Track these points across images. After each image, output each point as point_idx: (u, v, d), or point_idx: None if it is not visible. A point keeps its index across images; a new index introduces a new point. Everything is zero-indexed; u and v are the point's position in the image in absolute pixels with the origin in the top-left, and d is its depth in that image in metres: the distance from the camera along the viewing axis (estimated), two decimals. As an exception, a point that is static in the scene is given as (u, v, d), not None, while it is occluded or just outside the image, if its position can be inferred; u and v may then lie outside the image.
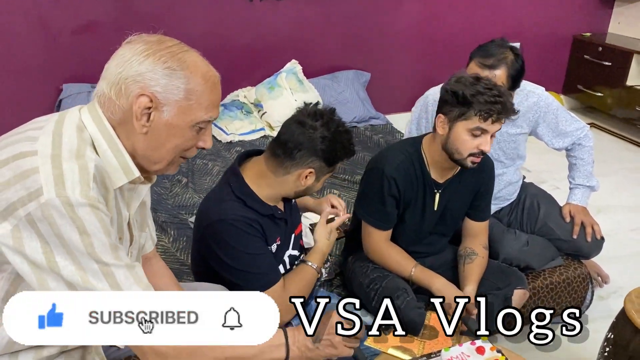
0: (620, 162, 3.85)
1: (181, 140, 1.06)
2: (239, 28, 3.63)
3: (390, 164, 1.79)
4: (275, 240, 1.55)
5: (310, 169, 1.49)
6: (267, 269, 1.50)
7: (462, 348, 1.35)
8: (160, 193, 2.74)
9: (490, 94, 1.60)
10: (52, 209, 0.91)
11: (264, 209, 1.50)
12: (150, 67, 1.00)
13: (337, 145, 1.48)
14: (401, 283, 1.81)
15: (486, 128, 1.64)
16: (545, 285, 2.14)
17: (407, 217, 1.88)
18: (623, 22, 4.56)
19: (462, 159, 1.70)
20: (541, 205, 2.31)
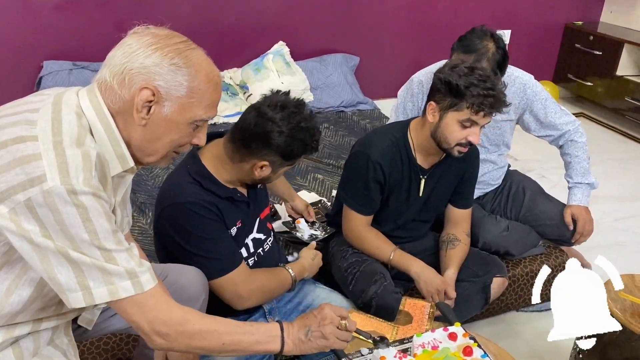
0: (608, 152, 3.84)
1: (178, 135, 1.07)
2: (226, 8, 3.56)
3: (376, 149, 1.76)
4: (236, 223, 1.50)
5: (265, 161, 1.43)
6: (225, 253, 1.45)
7: (434, 334, 1.33)
8: (140, 174, 2.70)
9: (484, 86, 1.58)
10: (56, 196, 0.91)
11: (222, 191, 1.46)
12: (156, 61, 1.00)
13: (295, 141, 1.41)
14: (379, 268, 1.78)
15: (477, 120, 1.62)
16: (525, 273, 2.13)
17: (391, 202, 1.85)
18: (615, 11, 4.52)
19: (450, 148, 1.69)
20: (526, 192, 2.29)
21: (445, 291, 1.73)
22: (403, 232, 1.93)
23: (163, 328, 1.04)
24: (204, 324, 1.09)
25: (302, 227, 2.01)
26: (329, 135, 3.29)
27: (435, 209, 1.95)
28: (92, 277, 0.97)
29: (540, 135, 2.25)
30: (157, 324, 1.04)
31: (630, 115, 4.10)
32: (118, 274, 0.99)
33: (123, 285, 1.00)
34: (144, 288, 1.02)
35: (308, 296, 1.67)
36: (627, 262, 2.57)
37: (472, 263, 1.90)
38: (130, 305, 1.02)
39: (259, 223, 1.63)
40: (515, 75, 2.14)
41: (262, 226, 1.64)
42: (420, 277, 1.75)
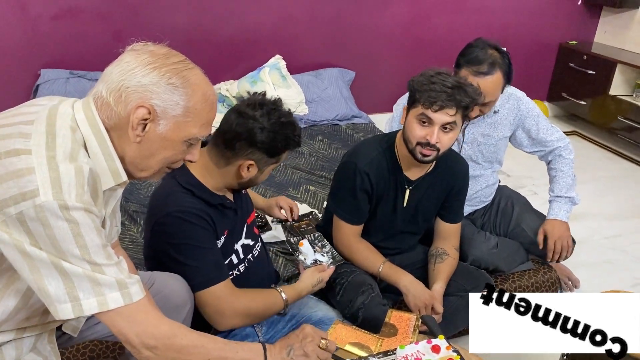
0: (600, 171, 3.87)
1: (172, 153, 1.08)
2: (224, 20, 3.60)
3: (363, 159, 1.79)
4: (223, 233, 1.50)
5: (250, 160, 1.45)
6: (211, 264, 1.44)
7: (417, 346, 1.33)
8: (133, 183, 2.70)
9: (442, 84, 1.61)
10: (47, 211, 0.92)
11: (213, 199, 1.47)
12: (154, 80, 1.01)
13: (278, 136, 1.43)
14: (367, 279, 1.79)
15: (430, 116, 1.63)
16: (513, 289, 2.14)
17: (379, 212, 1.87)
18: (609, 31, 4.58)
19: (413, 148, 1.70)
20: (515, 207, 2.31)
21: (432, 306, 1.74)
22: (391, 243, 1.94)
23: (151, 341, 1.05)
24: (192, 339, 1.10)
25: (305, 251, 1.77)
26: (322, 148, 3.32)
27: (423, 222, 1.96)
28: (81, 288, 0.98)
29: (531, 151, 2.27)
30: (146, 337, 1.04)
31: (623, 134, 4.13)
32: (108, 284, 0.99)
33: (112, 297, 1.00)
34: (133, 299, 1.02)
35: (295, 305, 1.67)
36: (615, 279, 2.59)
37: (460, 277, 1.91)
38: (119, 318, 1.02)
39: (247, 228, 1.63)
40: (509, 92, 2.16)
41: (249, 232, 1.65)
42: (409, 290, 1.76)
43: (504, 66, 1.94)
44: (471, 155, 2.20)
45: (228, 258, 1.56)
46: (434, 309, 1.74)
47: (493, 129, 2.17)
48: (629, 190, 3.60)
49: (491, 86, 1.93)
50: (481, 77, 1.91)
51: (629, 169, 3.97)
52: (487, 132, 2.17)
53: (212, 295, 1.43)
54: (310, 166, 3.07)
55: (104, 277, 0.99)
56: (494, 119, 2.16)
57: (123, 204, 2.50)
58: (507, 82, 2.00)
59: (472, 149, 2.20)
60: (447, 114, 1.62)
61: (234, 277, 1.58)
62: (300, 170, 2.98)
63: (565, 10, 4.50)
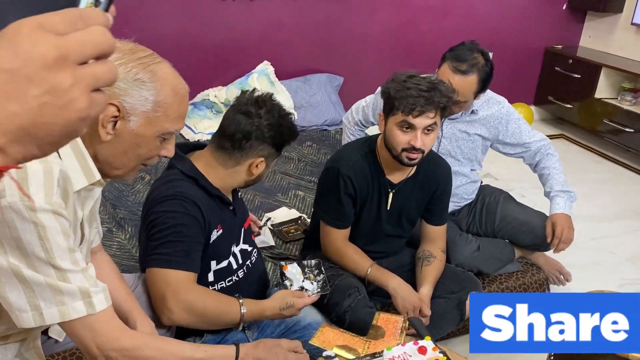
0: (587, 173, 3.91)
1: (145, 149, 1.07)
2: (211, 27, 3.61)
3: (346, 163, 1.81)
4: (217, 227, 1.49)
5: (261, 157, 1.47)
6: (179, 249, 1.38)
7: (404, 348, 1.34)
8: (122, 190, 2.70)
9: (417, 88, 1.63)
10: (13, 213, 0.89)
11: (213, 189, 1.47)
12: (120, 76, 0.99)
13: (284, 129, 1.48)
14: (354, 282, 1.80)
15: (411, 122, 1.65)
16: (500, 290, 2.15)
17: (364, 216, 1.88)
18: (594, 35, 4.64)
19: (398, 155, 1.72)
20: (499, 202, 2.34)
21: (420, 308, 1.75)
22: (378, 246, 1.95)
23: (112, 354, 1.02)
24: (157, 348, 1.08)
25: (291, 276, 1.60)
26: (311, 153, 3.33)
27: (408, 225, 1.97)
28: (43, 296, 0.94)
29: (516, 153, 2.30)
30: (107, 349, 1.02)
31: (609, 137, 4.18)
32: (71, 293, 0.96)
33: (74, 306, 0.97)
34: (96, 309, 0.99)
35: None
36: (602, 280, 2.61)
37: (448, 280, 1.92)
38: (81, 327, 1.00)
39: (244, 233, 1.63)
40: (489, 96, 2.22)
41: (247, 237, 1.65)
42: (398, 292, 1.77)
43: (482, 72, 2.00)
44: (450, 151, 2.24)
45: (225, 260, 1.55)
46: (422, 312, 1.75)
47: (470, 126, 2.22)
48: (615, 192, 3.63)
49: (464, 86, 1.98)
50: (457, 74, 1.97)
51: (616, 171, 4.01)
52: (464, 128, 2.22)
53: (163, 277, 1.36)
54: (299, 171, 3.07)
55: (67, 285, 0.95)
56: (473, 117, 2.21)
57: (111, 210, 2.50)
58: (482, 89, 2.05)
59: (450, 144, 2.25)
60: (427, 117, 1.64)
61: (234, 283, 1.57)
62: (288, 176, 2.98)
63: (551, 15, 4.56)
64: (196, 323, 1.41)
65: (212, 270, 1.52)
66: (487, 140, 2.27)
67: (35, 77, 0.38)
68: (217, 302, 1.42)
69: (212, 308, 1.40)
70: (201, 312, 1.38)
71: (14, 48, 0.38)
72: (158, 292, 1.37)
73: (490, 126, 2.22)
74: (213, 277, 1.53)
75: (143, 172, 2.87)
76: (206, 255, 1.48)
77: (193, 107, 3.51)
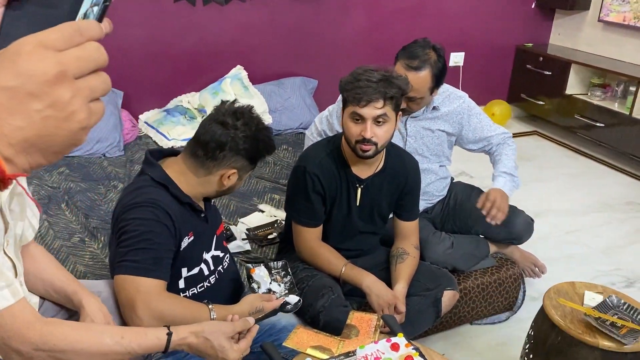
0: (560, 168, 3.97)
1: None
2: (183, 33, 3.59)
3: (312, 161, 1.83)
4: (188, 234, 1.48)
5: (233, 169, 1.47)
6: (148, 256, 1.36)
7: (377, 345, 1.34)
8: (94, 199, 2.66)
9: (367, 79, 1.66)
10: None
11: (183, 197, 1.46)
12: None
13: (260, 143, 1.48)
14: (328, 282, 1.80)
15: (360, 112, 1.68)
16: (476, 286, 2.17)
17: (334, 213, 1.89)
18: (562, 33, 4.72)
19: (354, 146, 1.75)
20: (471, 196, 2.36)
21: (395, 305, 1.76)
22: (351, 244, 1.95)
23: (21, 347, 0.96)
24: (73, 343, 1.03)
25: (258, 279, 1.58)
26: (287, 157, 3.32)
27: (380, 221, 1.98)
28: None
29: (479, 148, 2.33)
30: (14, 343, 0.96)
31: (580, 132, 4.25)
32: None
33: None
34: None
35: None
36: (577, 272, 2.64)
37: (423, 277, 1.93)
38: None
39: (216, 240, 1.62)
40: (451, 92, 2.27)
41: (219, 243, 1.64)
42: (372, 290, 1.77)
43: (435, 68, 2.03)
44: (417, 149, 2.27)
45: (196, 267, 1.53)
46: (397, 309, 1.75)
47: (433, 123, 2.25)
48: (588, 187, 3.69)
49: (417, 82, 2.01)
50: (410, 71, 2.01)
51: (588, 165, 4.08)
52: (427, 125, 2.25)
53: (133, 285, 1.34)
54: (275, 175, 3.07)
55: None
56: (435, 114, 2.24)
57: (83, 220, 2.46)
58: (437, 84, 2.08)
59: (416, 142, 2.27)
60: (375, 107, 1.67)
61: (206, 288, 1.56)
62: (264, 180, 2.97)
63: (520, 13, 4.63)
64: None
65: (182, 277, 1.50)
66: (451, 135, 2.30)
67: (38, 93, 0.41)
68: (187, 310, 1.40)
69: (182, 315, 1.37)
70: (171, 320, 1.35)
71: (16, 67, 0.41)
72: (127, 299, 1.34)
73: (453, 122, 2.25)
74: (184, 284, 1.51)
75: (116, 180, 2.85)
76: (177, 262, 1.46)
77: (166, 113, 3.48)
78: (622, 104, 4.05)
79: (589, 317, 1.55)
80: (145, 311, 1.33)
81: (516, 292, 2.29)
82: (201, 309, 1.42)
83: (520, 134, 4.62)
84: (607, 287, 1.76)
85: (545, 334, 1.61)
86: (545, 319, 1.63)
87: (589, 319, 1.55)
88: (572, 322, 1.58)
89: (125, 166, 3.04)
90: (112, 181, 2.84)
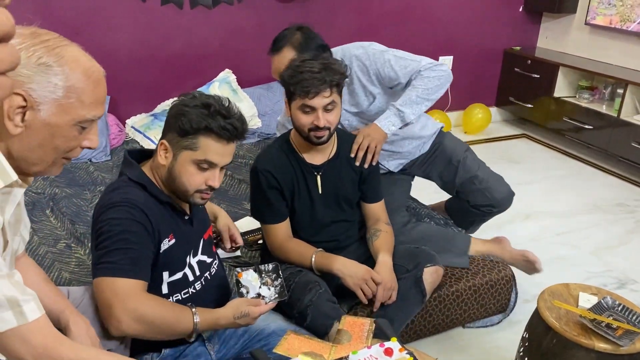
0: (549, 170, 3.97)
1: (61, 140, 0.97)
2: (170, 37, 3.55)
3: (261, 159, 1.86)
4: (168, 236, 1.43)
5: (163, 140, 1.40)
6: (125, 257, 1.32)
7: (370, 350, 1.31)
8: (80, 205, 2.61)
9: (310, 71, 1.69)
10: None
11: (162, 196, 1.42)
12: (23, 62, 0.90)
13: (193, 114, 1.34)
14: (314, 277, 1.79)
15: (309, 104, 1.72)
16: (468, 288, 2.14)
17: (298, 206, 1.89)
18: (550, 36, 4.74)
19: (307, 136, 1.79)
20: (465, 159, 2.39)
21: (372, 278, 1.75)
22: (324, 235, 1.93)
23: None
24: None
25: (246, 284, 1.50)
26: (276, 161, 3.29)
27: (348, 207, 1.97)
28: None
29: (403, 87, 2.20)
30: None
31: (569, 134, 4.26)
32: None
33: (3, 317, 0.89)
34: (28, 318, 0.92)
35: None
36: (568, 274, 2.63)
37: (400, 259, 1.91)
38: (13, 340, 0.91)
39: (203, 244, 1.57)
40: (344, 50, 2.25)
41: (206, 248, 1.59)
42: (344, 272, 1.77)
43: (295, 41, 2.08)
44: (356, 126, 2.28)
45: (180, 272, 1.49)
46: (375, 281, 1.75)
47: (355, 95, 2.25)
48: (577, 188, 3.70)
49: (280, 61, 2.03)
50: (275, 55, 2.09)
51: (577, 167, 4.09)
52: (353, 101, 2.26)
53: (110, 286, 1.29)
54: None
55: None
56: (350, 88, 2.23)
57: (69, 226, 2.41)
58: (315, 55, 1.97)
59: (356, 121, 2.30)
60: (323, 97, 1.71)
61: (191, 295, 1.51)
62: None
63: (508, 17, 4.64)
64: (146, 332, 1.33)
65: (165, 282, 1.46)
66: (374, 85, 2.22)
67: None
68: (168, 311, 1.35)
69: (163, 317, 1.33)
70: (151, 320, 1.31)
71: None
72: (105, 302, 1.29)
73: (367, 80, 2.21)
74: (167, 289, 1.47)
75: (102, 185, 2.79)
76: (158, 265, 1.42)
77: (154, 117, 3.44)
78: (610, 106, 4.07)
79: (585, 319, 1.53)
80: (123, 312, 1.28)
81: (508, 294, 2.27)
82: (184, 311, 1.37)
83: (509, 137, 4.62)
84: (602, 289, 1.74)
85: (540, 336, 1.59)
86: (540, 322, 1.60)
87: (585, 321, 1.53)
88: (567, 324, 1.56)
89: (111, 171, 2.99)
90: (98, 186, 2.79)
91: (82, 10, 3.25)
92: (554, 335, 1.56)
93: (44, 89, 0.92)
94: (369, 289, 1.74)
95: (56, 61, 0.93)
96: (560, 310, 1.61)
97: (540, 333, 1.60)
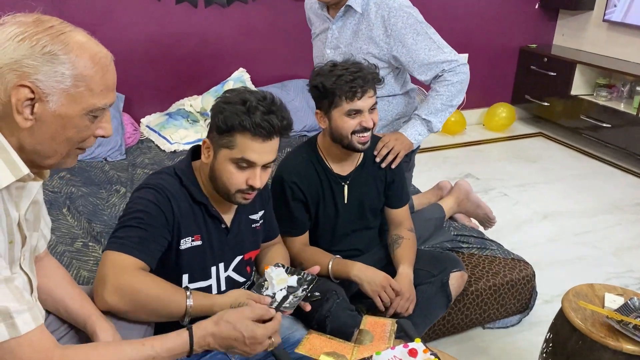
0: (566, 170, 3.92)
1: (74, 130, 0.95)
2: (184, 35, 3.55)
3: (287, 170, 1.80)
4: (193, 236, 1.40)
5: (206, 139, 1.38)
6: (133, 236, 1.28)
7: (394, 351, 1.28)
8: (96, 204, 2.61)
9: (348, 72, 1.65)
10: None
11: (198, 195, 1.40)
12: (27, 52, 0.87)
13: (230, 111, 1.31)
14: (332, 286, 1.75)
15: (357, 107, 1.69)
16: (488, 287, 2.12)
17: (321, 216, 1.86)
18: (566, 34, 4.69)
19: (350, 142, 1.74)
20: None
21: (391, 286, 1.70)
22: (345, 244, 1.91)
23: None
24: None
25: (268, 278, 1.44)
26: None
27: (372, 217, 1.94)
28: None
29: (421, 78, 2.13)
30: None
31: (586, 133, 4.21)
32: None
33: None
34: (20, 331, 0.88)
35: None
36: (589, 275, 2.60)
37: (425, 264, 1.88)
38: (2, 353, 0.88)
39: (239, 262, 1.52)
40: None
41: (241, 267, 1.53)
42: (362, 278, 1.73)
43: None
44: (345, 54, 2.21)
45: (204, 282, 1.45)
46: (393, 289, 1.70)
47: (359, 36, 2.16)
48: (595, 188, 3.64)
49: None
50: None
51: (595, 166, 4.04)
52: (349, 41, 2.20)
53: (111, 259, 1.25)
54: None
55: None
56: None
57: (86, 225, 2.41)
58: None
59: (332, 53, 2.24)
60: (369, 97, 1.70)
61: None
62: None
63: (524, 14, 4.59)
64: (133, 311, 1.26)
65: (183, 286, 1.42)
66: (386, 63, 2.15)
67: None
68: (161, 289, 1.27)
69: (154, 295, 1.25)
70: (142, 297, 1.24)
71: None
72: (100, 275, 1.25)
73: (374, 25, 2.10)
74: None
75: (118, 184, 2.80)
76: (177, 264, 1.40)
77: (168, 117, 3.44)
78: (628, 104, 4.01)
79: (611, 320, 1.50)
80: (114, 286, 1.22)
81: (529, 294, 2.23)
82: (177, 292, 1.29)
83: (525, 136, 4.58)
84: (628, 289, 1.71)
85: (565, 338, 1.56)
86: (565, 323, 1.57)
87: (611, 322, 1.50)
88: (593, 326, 1.52)
89: (127, 170, 2.99)
90: (114, 185, 2.79)
91: (97, 9, 3.26)
92: (579, 336, 1.53)
93: (51, 79, 0.89)
94: (387, 296, 1.70)
95: (62, 49, 0.90)
96: (585, 311, 1.58)
97: (565, 334, 1.57)
